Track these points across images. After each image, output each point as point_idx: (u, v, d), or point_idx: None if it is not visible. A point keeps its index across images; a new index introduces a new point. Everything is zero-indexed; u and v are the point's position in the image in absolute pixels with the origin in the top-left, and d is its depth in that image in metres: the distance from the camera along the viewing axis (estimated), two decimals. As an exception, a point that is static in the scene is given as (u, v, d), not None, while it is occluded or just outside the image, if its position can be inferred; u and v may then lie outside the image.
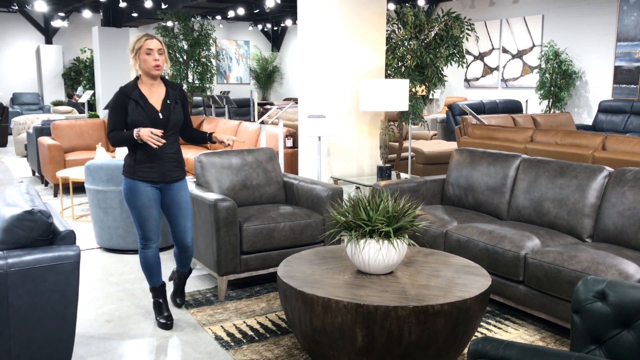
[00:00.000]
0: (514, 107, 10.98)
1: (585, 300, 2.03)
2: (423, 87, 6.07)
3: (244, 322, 3.55)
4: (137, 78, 3.37)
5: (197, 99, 13.24)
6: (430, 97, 6.43)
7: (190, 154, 7.53)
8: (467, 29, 6.01)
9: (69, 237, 2.72)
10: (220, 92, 15.49)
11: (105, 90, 12.78)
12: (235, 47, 19.66)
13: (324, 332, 2.69)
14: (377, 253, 2.86)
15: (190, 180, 4.47)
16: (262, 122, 6.71)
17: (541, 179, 3.96)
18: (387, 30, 5.98)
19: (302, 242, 4.10)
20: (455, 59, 5.97)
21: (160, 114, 3.32)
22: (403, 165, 6.78)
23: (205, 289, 4.12)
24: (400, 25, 6.07)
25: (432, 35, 5.97)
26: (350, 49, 5.61)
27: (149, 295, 3.99)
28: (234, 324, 3.51)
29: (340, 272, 2.98)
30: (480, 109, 10.44)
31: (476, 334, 3.37)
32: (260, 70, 19.70)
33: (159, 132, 3.20)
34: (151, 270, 3.51)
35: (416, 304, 2.58)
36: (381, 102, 5.25)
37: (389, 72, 6.01)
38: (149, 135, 3.15)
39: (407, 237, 2.94)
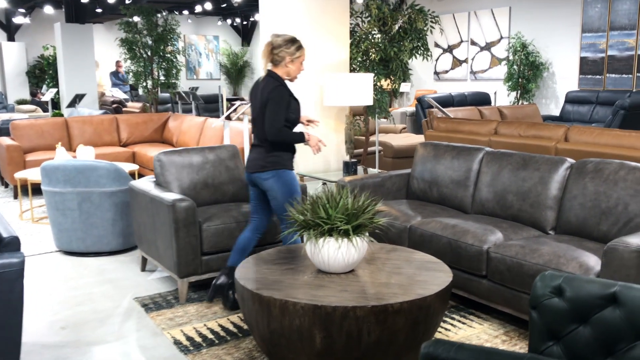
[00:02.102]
0: (482, 100, 11.02)
1: (543, 296, 2.00)
2: (388, 81, 6.02)
3: (205, 325, 3.46)
4: (273, 75, 3.50)
5: (164, 95, 13.01)
6: (401, 90, 6.39)
7: (153, 151, 7.37)
8: (431, 22, 5.97)
9: (13, 244, 2.60)
10: (189, 88, 15.27)
11: (69, 88, 12.39)
12: (205, 43, 19.41)
13: (282, 335, 2.62)
14: (336, 252, 2.79)
15: (150, 180, 4.35)
16: (227, 118, 6.58)
17: (504, 171, 3.94)
18: (351, 24, 5.91)
19: (265, 241, 4.01)
20: (419, 52, 5.93)
21: None
22: (371, 160, 6.74)
23: (166, 291, 4.01)
24: (363, 19, 6.01)
25: (396, 28, 5.92)
26: (314, 42, 5.52)
27: (108, 299, 3.89)
28: (194, 328, 3.42)
29: (300, 272, 2.91)
30: (449, 101, 10.44)
31: (439, 329, 3.34)
32: (231, 66, 19.48)
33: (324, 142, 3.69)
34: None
35: (375, 303, 2.53)
36: (346, 97, 5.18)
37: (353, 66, 5.95)
38: (317, 143, 3.62)
39: (367, 234, 2.88)
